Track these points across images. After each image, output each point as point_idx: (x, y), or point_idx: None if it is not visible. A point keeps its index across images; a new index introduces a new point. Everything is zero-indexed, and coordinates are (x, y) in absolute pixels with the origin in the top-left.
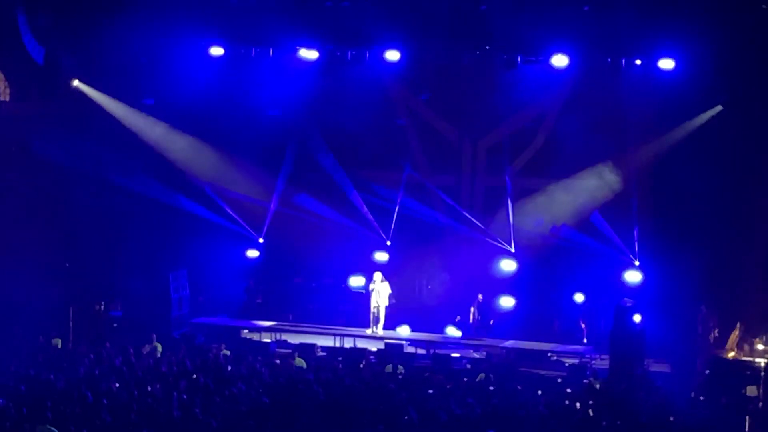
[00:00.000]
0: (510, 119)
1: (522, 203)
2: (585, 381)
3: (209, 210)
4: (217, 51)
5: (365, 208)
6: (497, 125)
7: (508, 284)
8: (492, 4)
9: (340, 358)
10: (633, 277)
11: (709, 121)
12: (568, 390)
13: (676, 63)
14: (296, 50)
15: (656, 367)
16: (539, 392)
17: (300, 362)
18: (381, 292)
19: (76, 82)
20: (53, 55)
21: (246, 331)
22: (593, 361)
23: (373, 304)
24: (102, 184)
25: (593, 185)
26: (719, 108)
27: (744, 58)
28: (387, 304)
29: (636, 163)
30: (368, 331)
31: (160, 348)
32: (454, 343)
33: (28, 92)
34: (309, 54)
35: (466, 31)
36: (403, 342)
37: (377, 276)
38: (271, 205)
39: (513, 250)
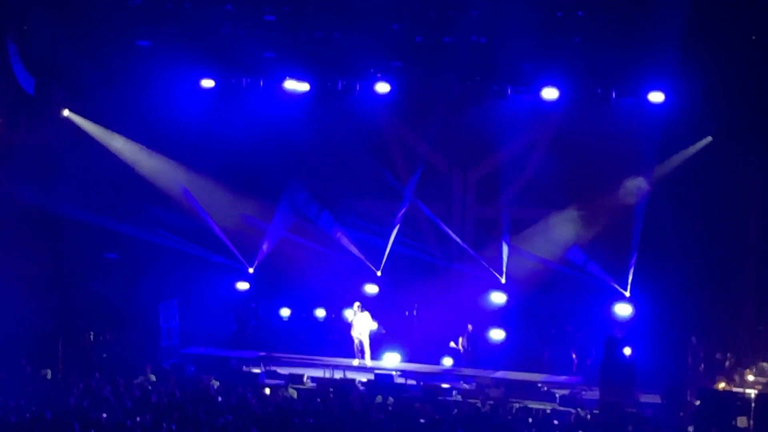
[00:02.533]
0: (500, 150)
1: (513, 234)
2: (574, 411)
3: (199, 240)
4: (207, 83)
5: (355, 239)
6: (487, 156)
7: (498, 316)
8: (482, 36)
9: (330, 389)
10: (623, 310)
11: (700, 152)
12: (555, 422)
13: (666, 95)
14: (286, 83)
15: (646, 398)
16: (529, 419)
17: (292, 392)
18: (360, 323)
19: (66, 112)
20: (44, 85)
21: (236, 361)
22: (584, 392)
23: (353, 334)
24: (92, 214)
25: (582, 216)
26: (709, 139)
27: (734, 90)
28: (368, 334)
29: (626, 194)
30: (354, 362)
31: (153, 379)
32: (444, 374)
33: (17, 122)
34: (300, 86)
35: (456, 62)
36: (393, 372)
37: (356, 306)
38: (261, 236)
39: (504, 281)
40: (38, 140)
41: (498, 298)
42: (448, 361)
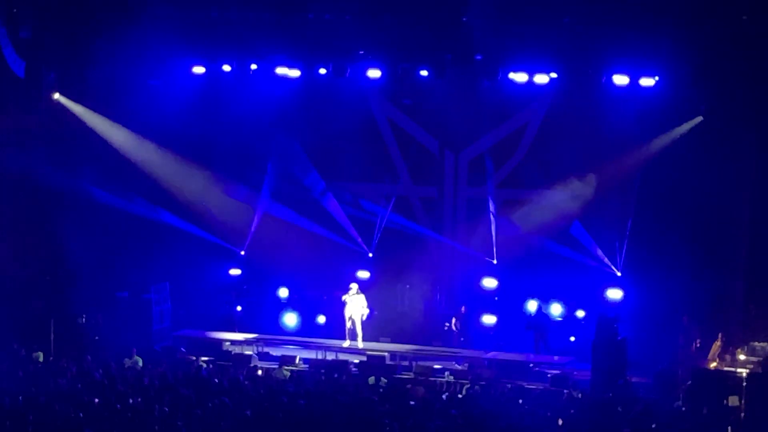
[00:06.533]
0: (492, 131)
1: (504, 215)
2: (566, 391)
3: (191, 223)
4: (198, 69)
5: (347, 221)
6: (479, 137)
7: (490, 298)
8: (473, 16)
9: (322, 371)
10: (615, 294)
11: (691, 131)
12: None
13: (657, 74)
14: (277, 65)
15: (638, 378)
16: (520, 401)
17: (285, 373)
18: (355, 305)
19: (57, 95)
20: (34, 69)
21: (228, 343)
22: (575, 372)
23: (346, 315)
24: (83, 197)
25: (574, 196)
26: (700, 118)
27: (725, 69)
28: (361, 315)
29: (618, 173)
30: (345, 344)
31: (140, 362)
32: (436, 355)
33: (7, 105)
34: (291, 72)
35: (447, 43)
36: (385, 354)
37: (353, 288)
38: (253, 219)
39: (495, 262)
40: (28, 123)
41: (489, 282)
42: (437, 344)
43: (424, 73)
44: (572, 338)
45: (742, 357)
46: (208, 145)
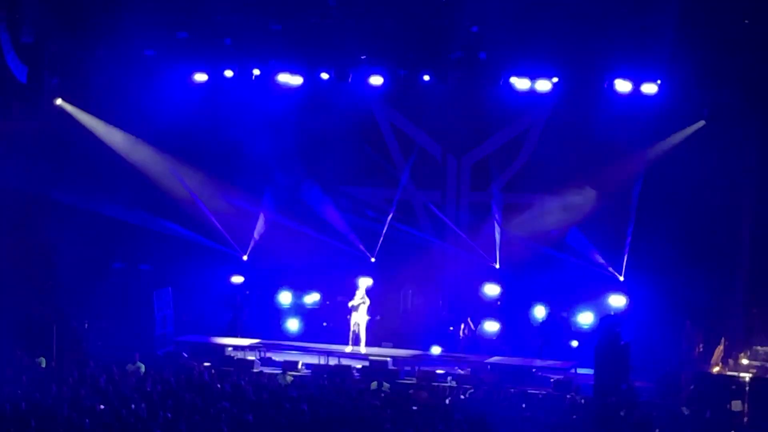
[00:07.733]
0: (494, 136)
1: (507, 219)
2: (569, 396)
3: (193, 229)
4: (200, 75)
5: (349, 226)
6: (481, 142)
7: (493, 303)
8: (475, 22)
9: (325, 376)
10: (617, 299)
11: (693, 135)
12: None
13: (659, 79)
14: (280, 71)
15: (641, 383)
16: (523, 405)
17: (288, 379)
18: (361, 310)
19: (59, 101)
20: (36, 74)
21: (230, 349)
22: (578, 377)
23: (352, 321)
24: (84, 203)
25: (576, 200)
26: (702, 123)
27: (727, 73)
28: (366, 321)
29: (620, 178)
30: (347, 349)
31: (143, 367)
32: (438, 360)
33: (10, 110)
34: (293, 78)
35: (449, 48)
36: (388, 359)
37: (359, 293)
38: (256, 225)
39: (498, 266)
40: (31, 128)
41: (492, 290)
42: (436, 350)
43: (426, 78)
44: (575, 343)
45: (744, 361)
46: (211, 151)
